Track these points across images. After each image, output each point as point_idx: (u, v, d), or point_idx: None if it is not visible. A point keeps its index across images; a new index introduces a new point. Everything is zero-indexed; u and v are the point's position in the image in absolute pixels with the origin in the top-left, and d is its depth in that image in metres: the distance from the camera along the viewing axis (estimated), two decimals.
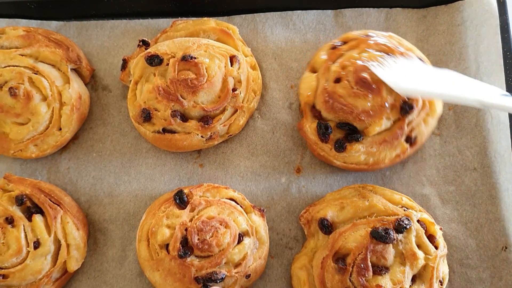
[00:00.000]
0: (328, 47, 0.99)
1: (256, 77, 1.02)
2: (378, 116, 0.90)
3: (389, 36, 0.97)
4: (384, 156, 0.93)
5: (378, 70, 0.89)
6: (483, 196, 0.97)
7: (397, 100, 0.91)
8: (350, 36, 0.98)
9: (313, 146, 0.97)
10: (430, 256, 0.86)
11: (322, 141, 0.94)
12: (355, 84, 0.91)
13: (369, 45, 0.94)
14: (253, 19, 1.08)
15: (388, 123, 0.92)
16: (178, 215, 0.91)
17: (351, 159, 0.94)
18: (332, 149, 0.94)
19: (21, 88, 0.96)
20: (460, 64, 1.02)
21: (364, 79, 0.90)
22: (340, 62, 0.94)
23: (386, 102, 0.90)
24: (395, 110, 0.91)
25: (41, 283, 0.91)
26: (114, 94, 1.07)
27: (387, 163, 0.94)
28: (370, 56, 0.92)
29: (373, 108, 0.90)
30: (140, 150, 1.04)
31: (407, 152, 0.94)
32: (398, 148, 0.93)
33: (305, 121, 0.97)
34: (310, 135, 0.96)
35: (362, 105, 0.91)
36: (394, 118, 0.92)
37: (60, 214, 0.93)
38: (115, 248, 0.99)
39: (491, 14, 1.03)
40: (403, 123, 0.91)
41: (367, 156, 0.93)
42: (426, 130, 0.94)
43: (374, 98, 0.90)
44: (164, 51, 0.97)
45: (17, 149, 0.99)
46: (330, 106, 0.92)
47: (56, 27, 1.10)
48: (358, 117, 0.91)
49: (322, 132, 0.94)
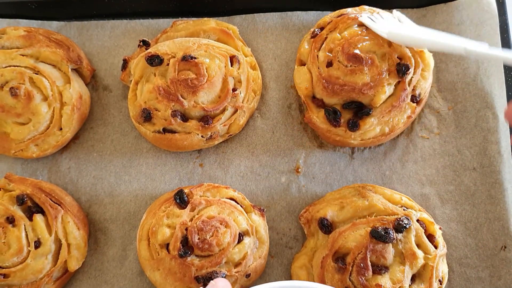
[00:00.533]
0: (308, 36, 1.00)
1: (256, 77, 1.02)
2: (380, 84, 0.91)
3: (360, 8, 0.99)
4: (397, 121, 0.94)
5: (368, 21, 0.93)
6: (483, 196, 0.97)
7: (391, 65, 0.92)
8: (325, 19, 1.00)
9: (326, 135, 0.97)
10: (430, 256, 0.86)
11: (334, 126, 0.95)
12: (348, 61, 0.92)
13: (347, 23, 0.96)
14: (253, 19, 1.09)
15: (390, 88, 0.93)
16: (178, 214, 0.91)
17: (368, 134, 0.95)
18: (346, 131, 0.95)
19: (22, 88, 0.96)
20: (460, 64, 1.02)
21: (355, 55, 0.91)
22: (325, 46, 0.95)
23: (382, 69, 0.91)
24: (393, 74, 0.92)
25: (42, 283, 0.92)
26: (114, 94, 1.08)
27: (402, 127, 0.95)
28: (351, 32, 0.94)
29: (372, 79, 0.91)
30: (140, 150, 1.05)
31: (417, 111, 0.95)
32: (408, 109, 0.94)
33: (311, 113, 0.97)
34: (321, 124, 0.96)
35: (361, 79, 0.91)
36: (395, 82, 0.93)
37: (61, 214, 0.94)
38: (115, 247, 1.00)
39: (491, 14, 1.03)
40: (404, 84, 0.92)
41: (381, 126, 0.94)
42: (426, 84, 0.96)
43: (370, 69, 0.91)
44: (164, 51, 0.97)
45: (18, 149, 0.99)
46: (330, 90, 0.93)
47: (57, 27, 1.10)
48: (361, 91, 0.92)
49: (332, 118, 0.94)
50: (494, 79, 1.00)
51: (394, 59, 0.92)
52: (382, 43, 0.92)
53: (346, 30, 0.95)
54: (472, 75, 1.01)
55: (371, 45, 0.92)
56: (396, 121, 0.94)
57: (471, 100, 1.01)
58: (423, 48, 0.94)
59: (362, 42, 0.93)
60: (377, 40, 0.92)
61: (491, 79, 1.00)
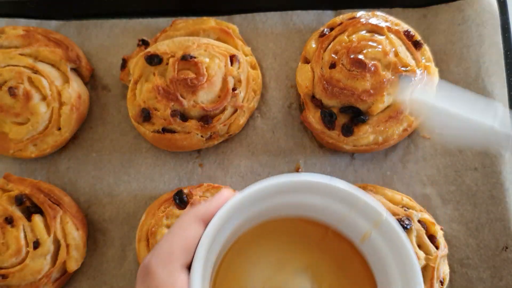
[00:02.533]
0: (317, 35, 0.99)
1: (256, 76, 1.02)
2: (379, 93, 0.90)
3: (372, 14, 0.98)
4: (392, 132, 0.93)
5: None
6: (484, 196, 0.97)
7: (394, 75, 0.91)
8: (336, 21, 0.99)
9: (320, 136, 0.97)
10: (431, 256, 0.86)
11: (328, 129, 0.94)
12: (351, 66, 0.91)
13: (357, 27, 0.95)
14: (253, 19, 1.08)
15: (390, 99, 0.92)
16: (178, 215, 0.90)
17: (361, 141, 0.94)
18: (340, 135, 0.94)
19: (20, 87, 0.96)
20: (461, 64, 1.02)
21: (359, 60, 0.90)
22: (331, 48, 0.94)
23: (385, 79, 0.90)
24: (395, 85, 0.91)
25: (41, 283, 0.91)
26: (113, 93, 1.07)
27: (396, 138, 0.94)
28: (359, 37, 0.93)
29: (373, 87, 0.90)
30: (139, 149, 1.04)
31: (414, 125, 0.94)
32: (404, 122, 0.93)
33: (308, 112, 0.96)
34: (316, 125, 0.95)
35: (361, 85, 0.91)
36: (395, 93, 0.92)
37: (59, 214, 0.93)
38: (114, 248, 0.99)
39: (492, 14, 1.02)
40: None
41: (376, 135, 0.94)
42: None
43: (372, 76, 0.90)
44: (163, 51, 0.97)
45: (16, 149, 0.99)
46: (330, 92, 0.92)
47: (56, 26, 1.10)
48: (359, 98, 0.91)
49: (327, 120, 0.93)
50: (496, 79, 1.00)
51: (398, 70, 0.91)
52: (388, 52, 0.91)
53: (355, 34, 0.94)
54: (474, 75, 1.01)
55: (377, 53, 0.91)
56: (391, 132, 0.93)
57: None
58: (442, 123, 0.92)
59: (368, 48, 0.92)
60: (384, 49, 0.91)
61: (493, 79, 1.00)
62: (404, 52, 0.93)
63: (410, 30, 0.96)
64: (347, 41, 0.94)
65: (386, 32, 0.94)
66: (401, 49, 0.93)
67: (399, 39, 0.95)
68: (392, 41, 0.93)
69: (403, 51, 0.93)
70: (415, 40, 0.96)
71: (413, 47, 0.95)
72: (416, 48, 0.95)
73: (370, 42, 0.92)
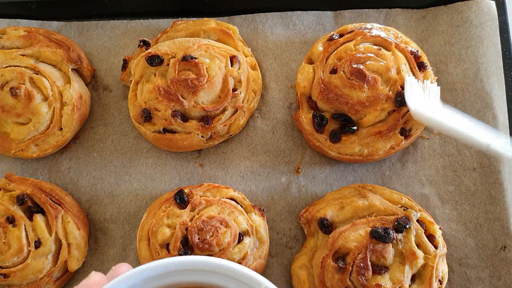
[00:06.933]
0: (325, 38, 1.00)
1: (256, 77, 1.02)
2: (373, 107, 0.91)
3: (384, 28, 0.98)
4: (378, 147, 0.94)
5: (408, 87, 0.90)
6: (483, 196, 0.97)
7: (392, 91, 0.91)
8: (347, 28, 0.99)
9: (308, 137, 0.97)
10: (430, 256, 0.86)
11: (317, 132, 0.95)
12: (351, 75, 0.92)
13: (366, 37, 0.95)
14: (253, 19, 1.09)
15: (383, 114, 0.93)
16: (178, 214, 0.91)
17: (346, 150, 0.95)
18: (327, 140, 0.95)
19: (22, 88, 0.96)
20: (459, 65, 1.02)
21: (360, 70, 0.91)
22: (336, 53, 0.95)
23: (381, 94, 0.91)
24: (390, 102, 0.92)
25: (42, 283, 0.92)
26: (114, 94, 1.08)
27: (381, 154, 0.94)
28: (366, 48, 0.93)
29: (368, 99, 0.91)
30: (140, 150, 1.05)
31: (402, 145, 0.94)
32: (392, 140, 0.94)
33: (301, 111, 0.97)
34: (306, 126, 0.96)
35: (357, 96, 0.91)
36: (389, 110, 0.92)
37: (61, 214, 0.94)
38: (115, 247, 1.00)
39: (490, 16, 1.03)
40: (398, 115, 0.92)
41: (361, 147, 0.94)
42: (420, 124, 0.95)
43: (370, 89, 0.91)
44: (164, 51, 0.97)
45: (18, 149, 0.99)
46: (325, 96, 0.93)
47: (57, 27, 1.10)
48: (353, 108, 0.91)
49: (318, 123, 0.94)
50: (494, 79, 1.01)
51: (397, 88, 0.91)
52: (391, 68, 0.91)
53: (362, 44, 0.95)
54: (472, 76, 1.01)
55: (379, 67, 0.92)
56: (378, 147, 0.94)
57: (471, 101, 1.01)
58: (446, 133, 0.91)
59: (372, 60, 0.92)
60: (387, 64, 0.91)
61: (491, 79, 1.01)
62: (407, 71, 0.93)
63: (418, 50, 0.96)
64: (353, 50, 0.94)
65: (393, 48, 0.94)
66: (404, 68, 0.93)
67: (404, 58, 0.95)
68: (397, 58, 0.93)
69: (405, 70, 0.93)
70: (421, 61, 0.96)
71: (417, 67, 0.94)
72: (420, 70, 0.95)
73: (375, 55, 0.93)
